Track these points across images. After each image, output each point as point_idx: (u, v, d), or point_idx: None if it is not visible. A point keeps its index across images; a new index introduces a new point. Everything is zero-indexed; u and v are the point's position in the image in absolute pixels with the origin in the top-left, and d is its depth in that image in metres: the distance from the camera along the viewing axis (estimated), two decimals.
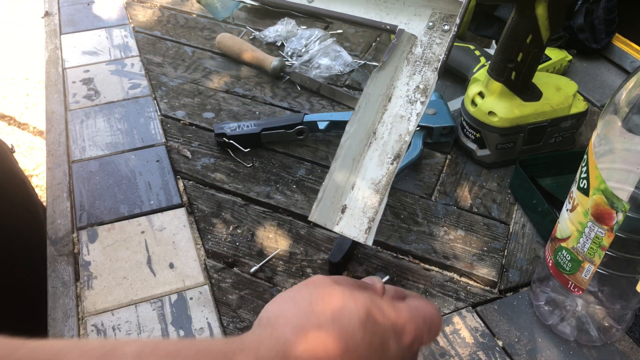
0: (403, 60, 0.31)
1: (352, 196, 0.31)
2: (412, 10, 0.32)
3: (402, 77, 0.31)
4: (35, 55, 2.35)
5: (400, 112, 0.31)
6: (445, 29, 0.31)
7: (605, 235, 0.41)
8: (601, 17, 0.84)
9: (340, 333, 0.28)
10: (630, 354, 0.49)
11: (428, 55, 0.31)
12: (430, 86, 0.30)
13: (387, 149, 0.31)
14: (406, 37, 0.31)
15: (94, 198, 0.62)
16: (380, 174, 0.30)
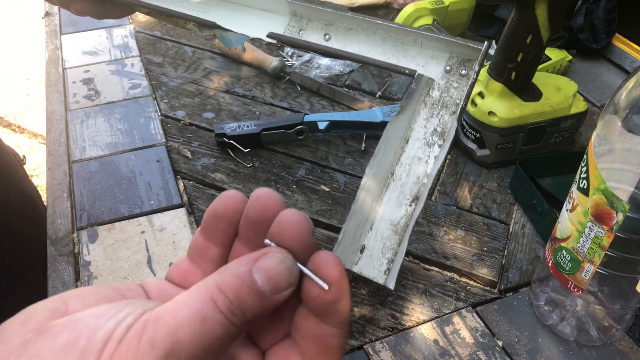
0: (421, 103, 0.31)
1: (371, 237, 0.31)
2: (430, 53, 0.32)
3: (420, 120, 0.31)
4: (35, 55, 2.35)
5: (418, 154, 0.31)
6: (462, 73, 0.31)
7: (605, 235, 0.41)
8: (601, 17, 0.84)
9: None
10: (630, 354, 0.49)
11: (445, 99, 0.31)
12: (449, 130, 0.31)
13: (405, 190, 0.31)
14: (424, 80, 0.31)
15: (94, 198, 0.62)
16: (399, 215, 0.31)
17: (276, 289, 0.21)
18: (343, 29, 0.34)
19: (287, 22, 0.36)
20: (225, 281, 0.21)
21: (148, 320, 0.19)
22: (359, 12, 1.08)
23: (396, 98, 0.79)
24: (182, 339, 0.19)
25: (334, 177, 0.66)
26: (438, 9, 0.84)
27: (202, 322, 0.19)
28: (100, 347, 0.19)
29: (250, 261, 0.21)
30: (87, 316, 0.20)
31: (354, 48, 0.34)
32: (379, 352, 0.48)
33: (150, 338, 0.19)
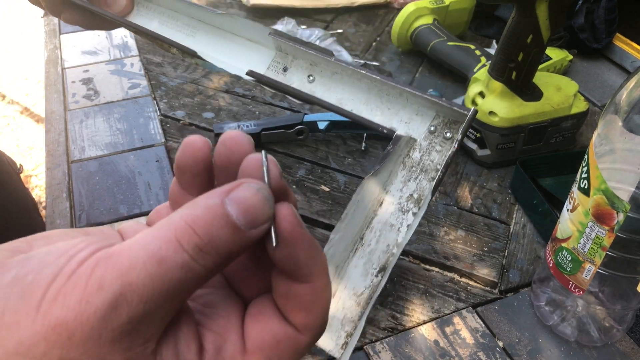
0: (399, 164, 0.29)
1: (332, 304, 0.28)
2: (415, 109, 0.29)
3: (396, 182, 0.29)
4: (34, 55, 2.35)
5: (391, 220, 0.28)
6: (447, 136, 0.28)
7: (606, 236, 0.41)
8: (602, 17, 0.83)
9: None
10: (631, 354, 0.49)
11: (426, 162, 0.29)
12: (425, 197, 0.28)
13: (373, 258, 0.28)
14: (405, 140, 0.29)
15: (93, 198, 0.62)
16: (364, 285, 0.28)
17: (253, 222, 0.19)
18: (328, 72, 0.32)
19: (272, 57, 0.34)
20: (193, 215, 0.18)
21: (100, 257, 0.17)
22: (359, 10, 1.08)
23: None
24: (134, 281, 0.17)
25: (334, 177, 0.65)
26: (438, 8, 0.84)
27: (158, 264, 0.17)
28: (47, 283, 0.17)
29: (223, 193, 0.19)
30: (40, 253, 0.18)
31: (338, 93, 0.32)
32: (379, 352, 0.48)
33: (99, 278, 0.17)
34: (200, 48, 0.38)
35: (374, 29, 0.94)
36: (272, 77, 0.34)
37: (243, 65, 0.36)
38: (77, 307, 0.16)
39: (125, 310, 0.17)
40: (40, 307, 0.17)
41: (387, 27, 0.95)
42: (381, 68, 0.84)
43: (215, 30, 0.38)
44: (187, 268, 0.18)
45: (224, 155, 0.22)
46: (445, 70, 0.82)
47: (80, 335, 0.16)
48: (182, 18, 0.39)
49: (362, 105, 0.31)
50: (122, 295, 0.17)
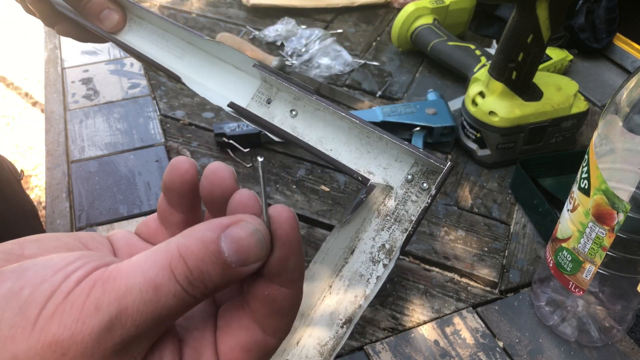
0: (374, 212, 0.28)
1: (296, 353, 0.27)
2: (394, 155, 0.29)
3: (370, 230, 0.28)
4: (34, 55, 2.35)
5: (361, 270, 0.28)
6: (423, 187, 0.28)
7: (606, 236, 0.41)
8: (602, 17, 0.83)
9: None
10: (631, 354, 0.49)
11: (400, 212, 0.28)
12: (396, 249, 0.27)
13: (340, 308, 0.28)
14: (380, 188, 0.28)
15: (93, 198, 0.62)
16: (329, 335, 0.27)
17: (244, 261, 0.19)
18: (311, 107, 0.32)
19: (257, 88, 0.34)
20: (187, 247, 0.19)
21: (98, 279, 0.18)
22: (359, 10, 1.08)
23: (396, 98, 0.79)
24: (130, 306, 0.17)
25: (334, 177, 0.65)
26: (438, 8, 0.84)
27: (154, 291, 0.18)
28: (44, 299, 0.17)
29: (220, 227, 0.19)
30: (36, 265, 0.18)
31: (319, 131, 0.31)
32: (379, 353, 0.48)
33: (96, 299, 0.17)
34: (188, 71, 0.38)
35: (374, 29, 0.94)
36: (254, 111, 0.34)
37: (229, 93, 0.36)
38: (74, 326, 0.17)
39: (119, 333, 0.17)
40: (37, 323, 0.17)
41: (387, 27, 0.95)
42: (381, 68, 0.84)
43: (203, 54, 0.38)
44: (179, 297, 0.18)
45: (208, 189, 0.22)
46: (445, 70, 0.82)
47: (74, 353, 0.17)
48: (172, 39, 0.39)
49: (342, 146, 0.31)
50: (118, 318, 0.17)
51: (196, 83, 0.37)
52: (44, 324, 0.17)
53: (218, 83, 0.37)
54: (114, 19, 0.40)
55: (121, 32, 0.42)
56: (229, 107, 0.35)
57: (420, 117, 0.68)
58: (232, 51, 0.36)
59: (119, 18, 0.40)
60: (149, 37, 0.40)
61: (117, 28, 0.41)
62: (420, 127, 0.68)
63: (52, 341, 0.17)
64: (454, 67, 0.79)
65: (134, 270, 0.18)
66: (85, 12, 0.41)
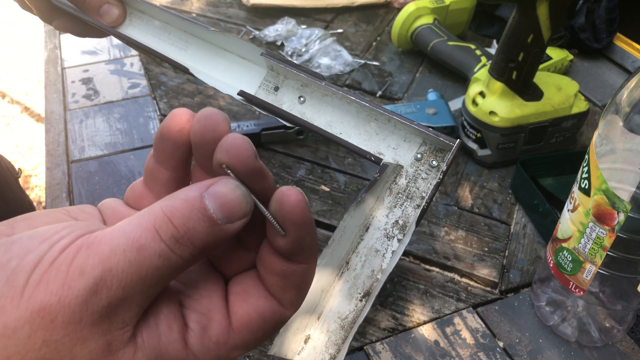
0: (386, 190, 0.29)
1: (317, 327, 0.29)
2: (402, 135, 0.30)
3: (382, 208, 0.29)
4: (34, 55, 2.35)
5: (376, 246, 0.29)
6: (433, 164, 0.29)
7: (607, 236, 0.41)
8: (602, 17, 0.83)
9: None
10: (631, 354, 0.49)
11: (412, 189, 0.29)
12: (410, 224, 0.29)
13: (358, 283, 0.29)
14: (392, 167, 0.29)
15: (93, 198, 0.62)
16: (348, 309, 0.29)
17: (230, 217, 0.20)
18: (319, 94, 0.33)
19: (264, 76, 0.35)
20: (172, 206, 0.19)
21: (82, 245, 0.18)
22: (359, 10, 1.08)
23: (396, 98, 0.79)
24: (114, 267, 0.18)
25: (334, 177, 0.65)
26: (439, 8, 0.84)
27: (137, 251, 0.18)
28: (30, 268, 0.18)
29: (202, 187, 0.20)
30: (22, 237, 0.19)
31: (328, 115, 0.32)
32: (380, 353, 0.48)
33: (81, 264, 0.18)
34: (193, 63, 0.38)
35: (374, 29, 0.94)
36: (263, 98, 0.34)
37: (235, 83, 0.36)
38: (60, 292, 0.17)
39: (105, 295, 0.18)
40: (24, 291, 0.17)
41: (387, 26, 0.95)
42: (381, 68, 0.84)
43: (208, 45, 0.38)
44: (164, 257, 0.18)
45: (199, 133, 0.22)
46: (446, 70, 0.82)
47: (63, 318, 0.17)
48: (174, 31, 0.39)
49: (352, 129, 0.32)
50: (103, 280, 0.18)
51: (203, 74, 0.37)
52: (31, 292, 0.17)
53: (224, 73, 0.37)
54: (114, 13, 0.40)
55: (121, 27, 0.41)
56: (238, 95, 0.35)
57: (420, 117, 0.68)
58: (238, 42, 0.36)
59: (119, 12, 0.40)
60: (150, 30, 0.40)
61: (117, 22, 0.41)
62: None
63: (40, 308, 0.17)
64: (454, 67, 0.79)
65: (117, 234, 0.18)
66: (85, 7, 0.41)
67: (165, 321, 0.20)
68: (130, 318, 0.19)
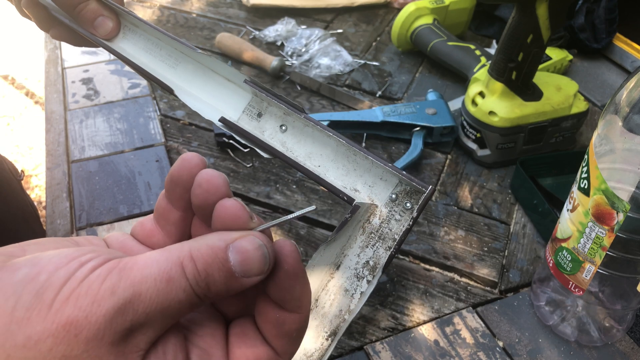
0: (358, 229, 0.29)
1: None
2: (379, 173, 0.30)
3: (355, 247, 0.29)
4: (34, 55, 2.35)
5: (346, 285, 0.29)
6: (407, 206, 0.29)
7: (606, 236, 0.41)
8: (602, 17, 0.83)
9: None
10: (630, 354, 0.49)
11: (384, 231, 0.29)
12: (380, 266, 0.28)
13: (325, 321, 0.29)
14: (366, 206, 0.29)
15: (93, 198, 0.62)
16: (314, 347, 0.29)
17: (247, 272, 0.21)
18: (300, 124, 0.33)
19: (249, 101, 0.35)
20: (198, 250, 0.21)
21: (114, 267, 0.19)
22: (359, 10, 1.08)
23: (396, 98, 0.79)
24: (144, 293, 0.19)
25: None
26: (438, 8, 0.84)
27: (167, 282, 0.19)
28: (60, 284, 0.18)
29: (229, 239, 0.21)
30: (49, 255, 0.20)
31: (308, 147, 0.32)
32: (379, 352, 0.48)
33: (112, 285, 0.19)
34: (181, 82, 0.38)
35: (374, 29, 0.94)
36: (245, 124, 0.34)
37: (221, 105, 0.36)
38: (89, 308, 0.18)
39: (130, 317, 0.19)
40: (52, 305, 0.18)
41: (387, 27, 0.95)
42: (381, 68, 0.84)
43: (197, 65, 0.38)
44: (187, 293, 0.20)
45: (202, 197, 0.23)
46: (445, 70, 0.82)
47: (86, 334, 0.18)
48: (166, 47, 0.39)
49: (330, 162, 0.32)
50: (131, 303, 0.19)
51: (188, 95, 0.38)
52: (59, 306, 0.18)
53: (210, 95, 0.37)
54: (107, 26, 0.41)
55: (115, 39, 0.42)
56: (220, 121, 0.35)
57: (420, 117, 0.68)
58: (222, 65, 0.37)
59: (113, 25, 0.41)
60: (143, 45, 0.40)
61: (111, 35, 0.41)
62: (420, 127, 0.68)
63: (67, 322, 0.18)
64: (453, 67, 0.79)
65: (149, 263, 0.20)
66: (80, 19, 0.42)
67: (172, 351, 0.21)
68: (145, 343, 0.20)
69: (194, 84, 0.38)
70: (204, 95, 0.37)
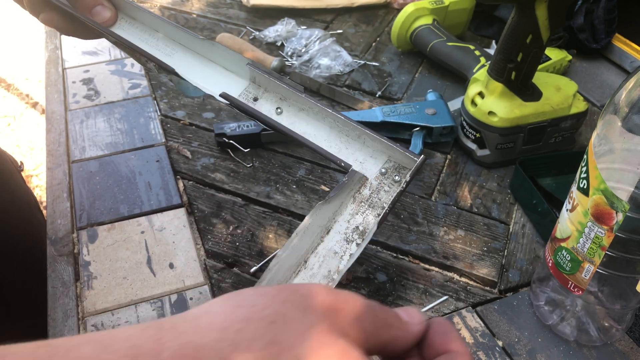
0: (350, 197, 0.32)
1: None
2: (369, 152, 0.33)
3: (345, 214, 0.32)
4: (35, 55, 2.35)
5: (335, 248, 0.31)
6: (395, 179, 0.32)
7: (605, 235, 0.41)
8: (601, 17, 0.84)
9: None
10: (630, 354, 0.49)
11: (374, 200, 0.32)
12: (369, 231, 0.31)
13: (314, 282, 0.31)
14: (358, 177, 0.32)
15: (93, 198, 0.62)
16: None
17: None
18: (295, 107, 0.35)
19: (245, 87, 0.37)
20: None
21: None
22: (359, 11, 1.08)
23: (396, 98, 0.79)
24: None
25: (334, 177, 0.66)
26: (438, 8, 0.84)
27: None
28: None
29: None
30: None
31: (302, 128, 0.34)
32: None
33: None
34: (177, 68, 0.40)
35: (373, 29, 0.94)
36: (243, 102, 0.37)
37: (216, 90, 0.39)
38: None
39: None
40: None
41: (387, 27, 0.95)
42: (381, 68, 0.84)
43: (193, 54, 0.40)
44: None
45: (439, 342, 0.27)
46: (445, 71, 0.83)
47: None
48: (162, 37, 0.41)
49: (323, 142, 0.34)
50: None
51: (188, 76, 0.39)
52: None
53: (206, 81, 0.39)
54: (105, 15, 0.42)
55: (111, 29, 0.43)
56: (220, 96, 0.37)
57: (420, 117, 0.68)
58: (225, 51, 0.39)
59: (111, 15, 0.42)
60: (138, 34, 0.42)
61: (108, 24, 0.43)
62: (420, 127, 0.68)
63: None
64: (453, 67, 0.79)
65: None
66: (78, 5, 0.42)
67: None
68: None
69: (190, 71, 0.40)
70: (201, 82, 0.39)
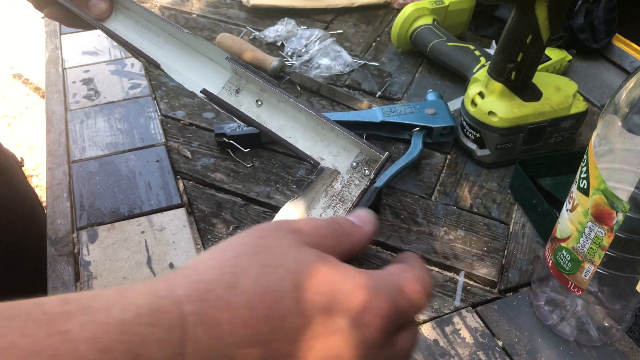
0: (322, 192, 0.33)
1: None
2: (343, 145, 0.34)
3: (317, 208, 0.33)
4: (35, 55, 2.35)
5: None
6: (365, 173, 0.33)
7: (605, 235, 0.41)
8: (601, 17, 0.84)
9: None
10: (630, 354, 0.49)
11: (345, 194, 0.33)
12: None
13: None
14: (329, 172, 0.34)
15: (93, 198, 0.62)
16: None
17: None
18: (274, 99, 0.37)
19: (228, 79, 0.39)
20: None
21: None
22: (359, 11, 1.08)
23: (396, 98, 0.79)
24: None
25: None
26: (438, 8, 0.84)
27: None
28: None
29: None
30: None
31: (281, 120, 0.36)
32: None
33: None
34: (166, 60, 0.42)
35: (373, 30, 0.94)
36: (224, 98, 0.39)
37: (202, 81, 0.41)
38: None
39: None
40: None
41: (387, 27, 0.95)
42: (381, 68, 0.84)
43: (182, 45, 0.42)
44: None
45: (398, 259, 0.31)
46: (445, 71, 0.83)
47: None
48: (154, 29, 0.43)
49: (300, 134, 0.36)
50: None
51: (173, 70, 0.42)
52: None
53: (193, 72, 0.42)
54: (101, 7, 0.44)
55: (107, 20, 0.45)
56: (201, 93, 0.40)
57: (419, 117, 0.68)
58: (206, 44, 0.41)
59: (106, 7, 0.44)
60: (133, 26, 0.44)
61: (104, 16, 0.45)
62: (419, 127, 0.68)
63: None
64: (453, 67, 0.79)
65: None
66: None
67: None
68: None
69: (179, 61, 0.42)
70: (188, 72, 0.42)
